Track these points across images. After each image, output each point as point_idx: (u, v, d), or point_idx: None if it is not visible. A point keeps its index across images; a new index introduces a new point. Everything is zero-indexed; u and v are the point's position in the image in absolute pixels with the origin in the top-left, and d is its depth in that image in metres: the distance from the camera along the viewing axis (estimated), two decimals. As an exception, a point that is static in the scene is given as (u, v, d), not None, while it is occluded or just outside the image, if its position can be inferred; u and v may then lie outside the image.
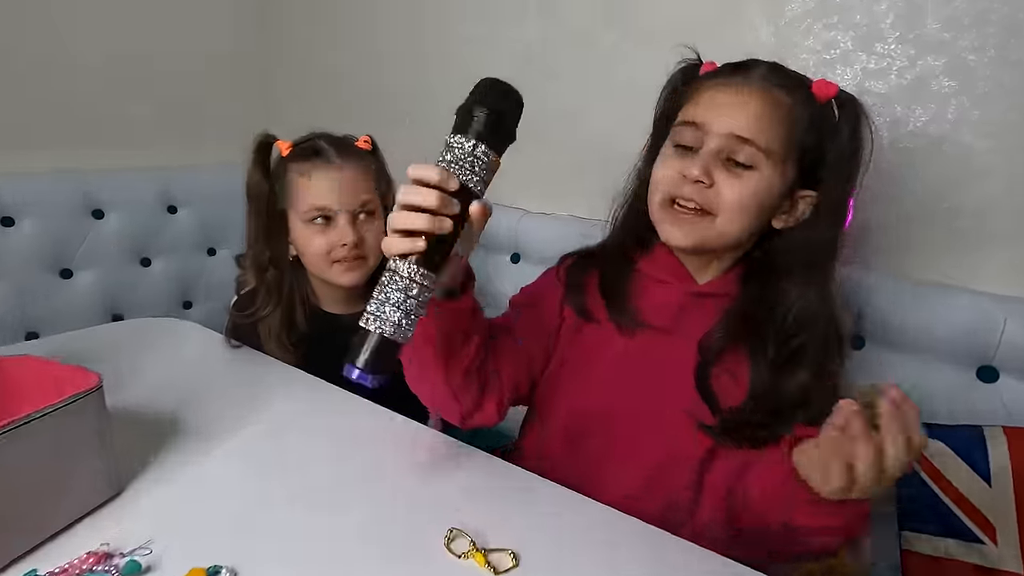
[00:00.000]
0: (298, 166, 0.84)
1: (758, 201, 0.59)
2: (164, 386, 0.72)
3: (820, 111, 0.60)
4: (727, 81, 0.61)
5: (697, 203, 0.60)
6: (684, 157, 0.61)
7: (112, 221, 1.36)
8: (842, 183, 0.61)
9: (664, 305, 0.65)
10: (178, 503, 0.52)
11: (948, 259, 0.84)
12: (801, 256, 0.61)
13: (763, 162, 0.58)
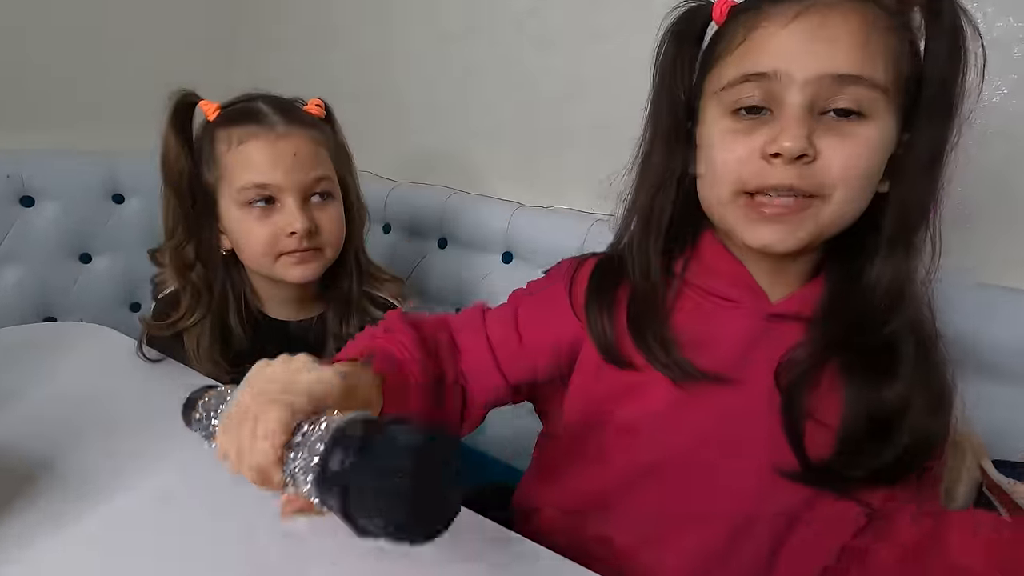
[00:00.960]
0: (234, 132, 0.67)
1: (879, 162, 0.43)
2: (48, 411, 0.55)
3: (909, 22, 0.43)
4: (793, 5, 0.42)
5: (799, 188, 0.42)
6: (756, 127, 0.43)
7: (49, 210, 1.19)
8: (943, 121, 0.44)
9: (727, 338, 0.48)
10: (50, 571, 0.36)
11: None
12: (893, 227, 0.45)
13: (878, 104, 0.41)
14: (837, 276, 0.48)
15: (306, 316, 0.75)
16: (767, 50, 0.43)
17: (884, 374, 0.44)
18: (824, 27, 0.41)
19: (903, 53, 0.42)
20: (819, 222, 0.43)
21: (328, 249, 0.70)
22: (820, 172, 0.42)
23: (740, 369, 0.47)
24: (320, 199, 0.69)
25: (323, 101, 0.74)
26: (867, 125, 0.42)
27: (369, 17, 1.24)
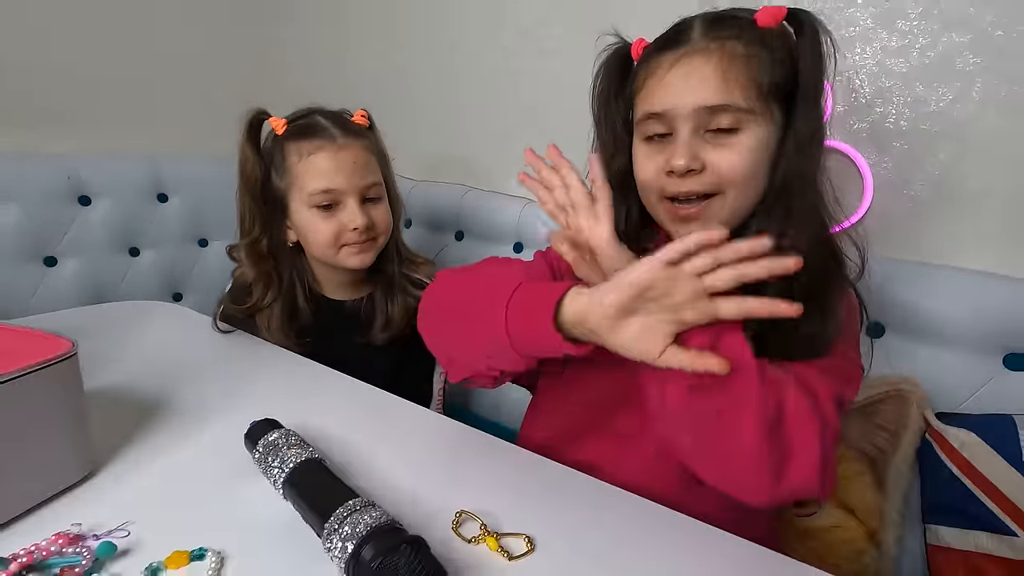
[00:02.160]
0: (299, 146, 0.77)
1: (760, 159, 0.54)
2: (149, 368, 0.67)
3: (775, 39, 0.54)
4: (671, 55, 0.54)
5: (697, 192, 0.54)
6: (661, 150, 0.55)
7: (102, 207, 1.31)
8: (811, 110, 0.54)
9: None
10: (159, 485, 0.48)
11: (972, 245, 0.81)
12: (773, 195, 0.55)
13: (748, 118, 0.53)
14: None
15: (357, 296, 0.86)
16: (658, 93, 0.55)
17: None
18: (693, 71, 0.53)
19: (768, 69, 0.52)
20: (722, 215, 0.55)
21: (380, 239, 0.81)
22: (711, 177, 0.53)
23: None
24: (373, 199, 0.80)
25: (367, 112, 0.85)
26: (741, 135, 0.53)
27: (385, 32, 1.35)
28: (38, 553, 0.38)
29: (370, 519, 0.38)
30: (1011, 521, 0.64)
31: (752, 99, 0.52)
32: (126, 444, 0.52)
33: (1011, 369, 0.74)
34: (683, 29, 0.55)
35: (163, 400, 0.61)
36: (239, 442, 0.51)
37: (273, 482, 0.46)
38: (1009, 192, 0.78)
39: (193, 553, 0.39)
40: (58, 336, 0.45)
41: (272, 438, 0.48)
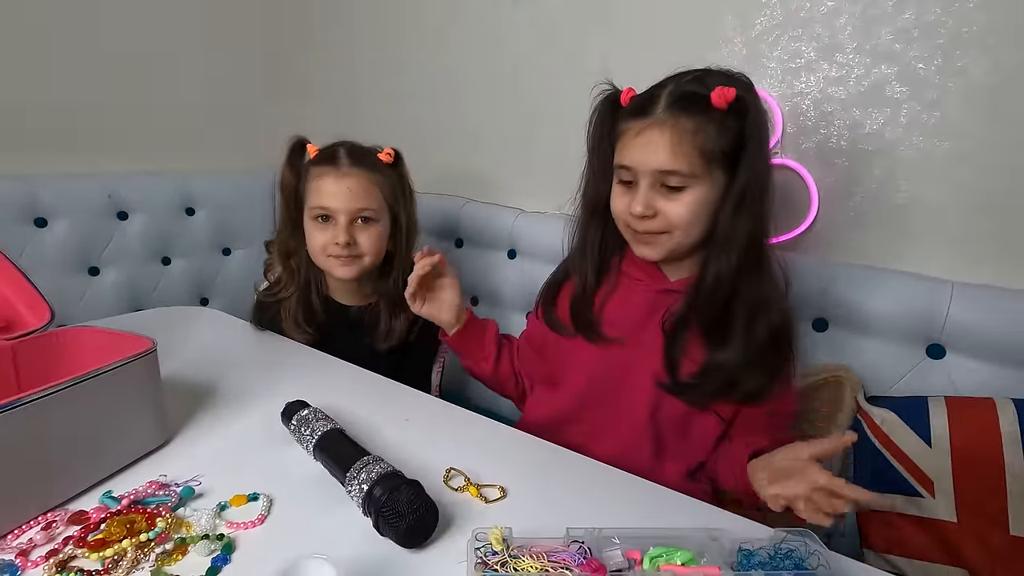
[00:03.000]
0: (316, 169, 0.91)
1: (701, 211, 0.67)
2: (197, 362, 0.81)
3: (725, 117, 0.65)
4: (638, 123, 0.67)
5: (650, 230, 0.69)
6: (628, 191, 0.70)
7: (138, 223, 1.45)
8: (756, 169, 0.66)
9: (634, 302, 0.75)
10: (218, 449, 0.62)
11: (901, 248, 0.92)
12: (717, 241, 0.68)
13: (692, 180, 0.66)
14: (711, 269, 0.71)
15: (363, 303, 0.99)
16: (627, 151, 0.69)
17: (720, 338, 0.69)
18: (651, 140, 0.66)
19: (715, 140, 0.65)
20: (669, 247, 0.70)
21: (366, 258, 0.93)
22: (662, 220, 0.68)
23: (640, 331, 0.73)
24: (363, 222, 0.92)
25: (394, 150, 0.97)
26: (687, 192, 0.67)
27: (388, 61, 1.48)
28: (138, 495, 0.51)
29: (380, 469, 0.51)
30: (919, 485, 0.76)
31: (696, 166, 0.65)
32: (190, 420, 0.66)
33: (932, 358, 0.86)
34: (651, 101, 0.68)
35: (213, 386, 0.74)
36: (277, 418, 0.64)
37: (305, 447, 0.59)
38: (932, 203, 0.89)
39: (249, 496, 0.53)
40: (140, 336, 0.58)
41: (303, 414, 0.61)
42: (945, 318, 0.83)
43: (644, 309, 0.75)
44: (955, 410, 0.77)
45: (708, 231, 0.69)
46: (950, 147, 0.87)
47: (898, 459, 0.78)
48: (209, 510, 0.50)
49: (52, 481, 0.49)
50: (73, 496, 0.51)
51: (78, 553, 0.44)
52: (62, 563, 0.43)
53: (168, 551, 0.45)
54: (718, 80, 0.66)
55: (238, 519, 0.50)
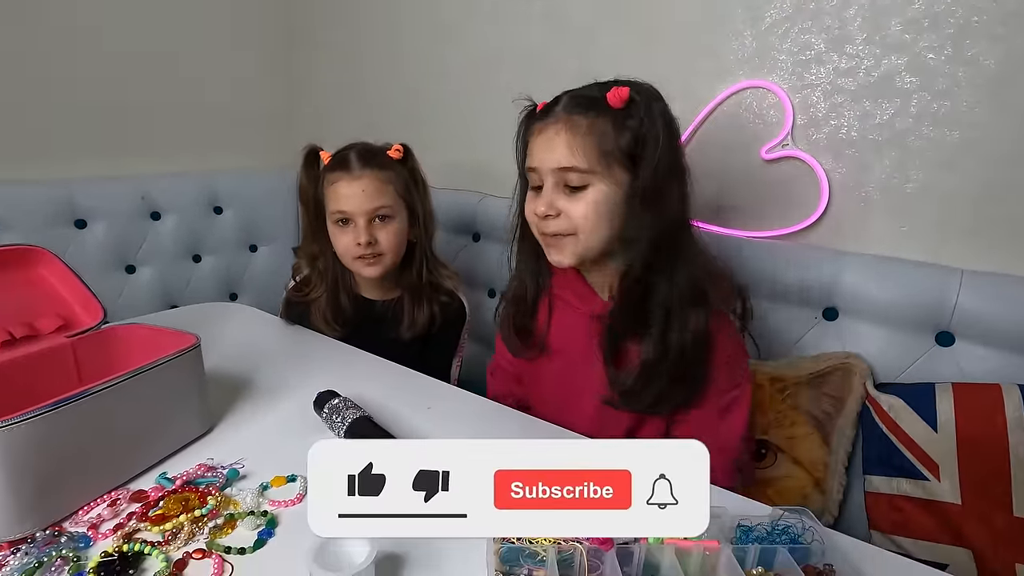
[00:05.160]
0: (330, 175, 0.95)
1: (603, 210, 0.67)
2: (234, 355, 0.87)
3: (621, 116, 0.66)
4: (541, 124, 0.69)
5: (557, 232, 0.69)
6: (536, 196, 0.70)
7: (169, 223, 1.52)
8: (657, 168, 0.65)
9: (572, 328, 0.77)
10: (258, 435, 0.67)
11: (911, 238, 0.94)
12: (643, 241, 0.67)
13: (591, 178, 0.66)
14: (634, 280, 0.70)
15: (388, 298, 1.04)
16: (533, 153, 0.70)
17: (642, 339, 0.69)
18: (549, 139, 0.67)
19: (612, 138, 0.65)
20: (577, 250, 0.69)
21: (387, 255, 0.96)
22: (566, 221, 0.68)
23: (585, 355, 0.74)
24: (380, 220, 0.95)
25: (403, 146, 1.00)
26: (588, 191, 0.67)
27: (407, 60, 1.52)
28: (189, 476, 0.57)
29: None
30: (924, 468, 0.78)
31: (594, 163, 0.65)
32: (231, 409, 0.72)
33: (941, 345, 0.87)
34: (556, 103, 0.69)
35: (249, 378, 0.80)
36: (310, 406, 0.69)
37: (337, 433, 0.64)
38: (942, 193, 0.90)
39: (288, 477, 0.58)
40: (185, 333, 0.64)
41: (334, 403, 0.66)
42: (954, 306, 0.85)
43: (583, 333, 0.75)
44: (961, 396, 0.79)
45: (616, 232, 0.69)
46: (960, 137, 0.88)
47: (904, 444, 0.80)
48: (253, 490, 0.55)
49: (114, 464, 0.55)
50: (133, 477, 0.57)
51: (141, 527, 0.50)
52: (128, 535, 0.49)
53: (219, 525, 0.50)
54: (618, 83, 0.67)
55: (279, 497, 0.55)
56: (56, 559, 0.45)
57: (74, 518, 0.51)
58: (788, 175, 1.03)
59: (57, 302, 0.67)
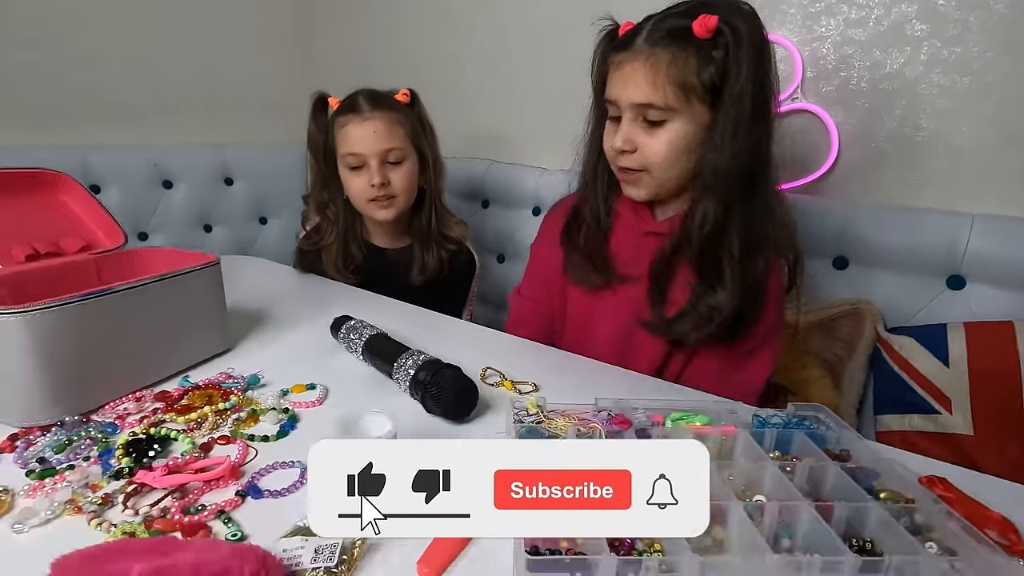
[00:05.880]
0: (340, 119, 0.96)
1: (679, 147, 0.66)
2: (250, 295, 0.88)
3: (707, 47, 0.62)
4: (621, 56, 0.66)
5: (631, 167, 0.69)
6: (614, 128, 0.69)
7: (181, 192, 1.54)
8: (741, 101, 0.62)
9: (623, 243, 0.76)
10: (276, 355, 0.68)
11: (923, 187, 0.94)
12: (703, 180, 0.66)
13: (670, 114, 0.64)
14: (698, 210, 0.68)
15: (399, 246, 1.05)
16: (612, 85, 0.68)
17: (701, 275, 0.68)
18: (629, 74, 0.65)
19: (695, 72, 0.62)
20: (650, 186, 0.70)
21: (400, 197, 0.97)
22: (641, 156, 0.67)
23: (635, 264, 0.74)
24: (392, 163, 0.96)
25: (410, 90, 1.02)
26: (666, 128, 0.65)
27: (413, 33, 1.53)
28: (213, 381, 0.58)
29: (423, 358, 0.56)
30: (936, 403, 0.78)
31: (673, 99, 0.64)
32: (249, 334, 0.73)
33: (952, 289, 0.88)
34: (635, 33, 0.67)
35: (266, 312, 0.81)
36: (326, 334, 0.70)
37: (355, 351, 0.65)
38: (954, 140, 0.91)
39: (308, 385, 0.59)
40: (205, 254, 0.65)
41: (351, 323, 0.67)
42: (965, 249, 0.85)
43: (632, 251, 0.75)
44: (973, 333, 0.79)
45: (692, 169, 0.67)
46: (971, 82, 0.88)
47: (916, 380, 0.80)
48: (274, 393, 0.56)
49: (139, 366, 0.56)
50: (156, 382, 0.58)
51: (166, 418, 0.50)
52: (154, 424, 0.49)
53: (242, 419, 0.51)
54: (707, 9, 0.63)
55: (300, 400, 0.56)
56: (85, 439, 0.46)
57: (101, 411, 0.52)
58: (798, 128, 1.03)
59: (79, 226, 0.68)
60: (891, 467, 0.42)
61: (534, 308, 0.86)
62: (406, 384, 0.55)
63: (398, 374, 0.56)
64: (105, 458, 0.44)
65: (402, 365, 0.56)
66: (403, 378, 0.56)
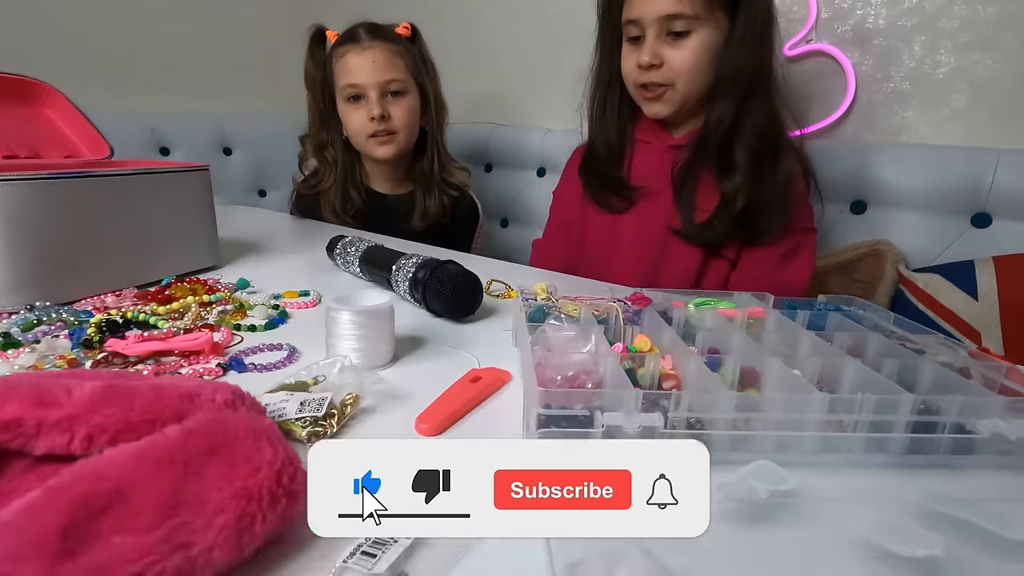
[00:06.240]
0: (339, 50, 0.92)
1: (705, 58, 0.68)
2: (246, 233, 0.84)
3: None
4: None
5: (658, 82, 0.70)
6: (636, 49, 0.71)
7: (178, 158, 1.51)
8: (756, 11, 0.67)
9: (646, 163, 0.76)
10: (268, 272, 0.65)
11: (944, 126, 0.90)
12: (722, 83, 0.69)
13: (696, 23, 0.67)
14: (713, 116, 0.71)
15: (400, 191, 1.01)
16: (633, 5, 0.70)
17: (725, 174, 0.69)
18: None
19: None
20: (675, 100, 0.71)
21: (400, 134, 0.93)
22: (667, 71, 0.69)
23: (655, 191, 0.75)
24: (392, 96, 0.92)
25: (410, 24, 0.98)
26: (691, 38, 0.68)
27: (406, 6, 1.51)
28: (197, 281, 0.54)
29: (422, 258, 0.53)
30: (965, 338, 0.74)
31: (699, 7, 0.66)
32: (241, 256, 0.70)
33: (977, 227, 0.84)
34: None
35: (263, 241, 0.78)
36: (321, 257, 0.67)
37: (351, 264, 0.61)
38: (975, 74, 0.87)
39: (301, 292, 0.55)
40: (198, 164, 0.61)
41: (346, 239, 0.63)
42: (991, 186, 0.81)
43: (655, 169, 0.76)
44: (1003, 266, 0.75)
45: (712, 81, 0.70)
46: (995, 12, 0.85)
47: (943, 316, 0.76)
48: (265, 296, 0.52)
49: (119, 264, 0.52)
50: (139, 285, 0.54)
51: (147, 309, 0.47)
52: (133, 309, 0.46)
53: (228, 311, 0.48)
54: None
55: (292, 303, 0.52)
56: (56, 321, 0.43)
57: (77, 305, 0.48)
58: (813, 72, 1.00)
59: (62, 140, 0.65)
60: (937, 341, 0.38)
61: (552, 253, 0.87)
62: (406, 287, 0.52)
63: (397, 277, 0.53)
64: (77, 336, 0.40)
65: (401, 267, 0.53)
66: (402, 280, 0.52)
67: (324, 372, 0.34)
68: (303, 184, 1.00)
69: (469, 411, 0.33)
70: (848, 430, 0.28)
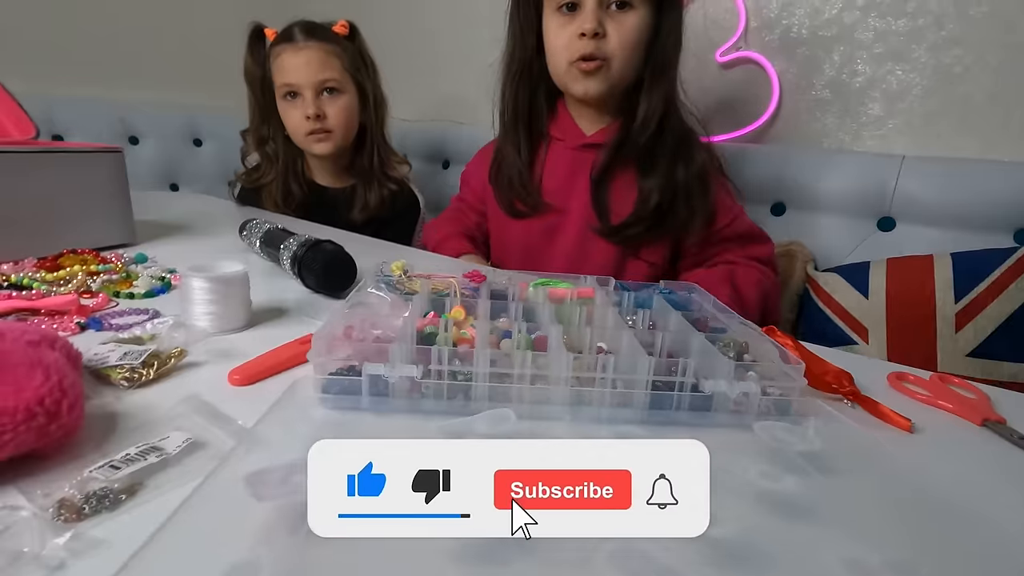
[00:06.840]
0: (275, 48, 0.96)
1: (639, 38, 0.69)
2: (186, 216, 0.88)
3: None
4: None
5: (596, 56, 0.68)
6: (571, 21, 0.69)
7: (147, 148, 1.55)
8: (677, 7, 0.70)
9: (564, 161, 0.77)
10: (177, 251, 0.68)
11: (861, 132, 0.94)
12: (649, 76, 0.71)
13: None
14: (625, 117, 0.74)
15: (341, 185, 1.04)
16: None
17: (647, 172, 0.71)
18: None
19: None
20: (609, 79, 0.70)
21: (337, 132, 0.96)
22: (606, 44, 0.68)
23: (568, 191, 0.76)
24: (328, 94, 0.95)
25: (348, 22, 1.01)
26: (631, 14, 0.68)
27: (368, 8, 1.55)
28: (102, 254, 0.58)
29: (308, 238, 0.56)
30: (854, 334, 0.77)
31: None
32: (161, 236, 0.73)
33: (883, 230, 0.87)
34: None
35: (192, 224, 0.82)
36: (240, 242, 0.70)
37: (253, 245, 0.65)
38: (888, 84, 0.91)
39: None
40: (112, 146, 0.65)
41: (254, 221, 0.67)
42: (894, 191, 0.85)
43: (567, 169, 0.77)
44: (894, 267, 0.78)
45: (637, 70, 0.71)
46: (906, 24, 0.88)
47: (837, 314, 0.79)
48: (160, 271, 0.56)
49: (30, 236, 0.56)
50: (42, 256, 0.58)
51: (37, 276, 0.50)
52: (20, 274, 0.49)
53: (114, 281, 0.51)
54: None
55: (182, 278, 0.56)
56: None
57: (-27, 272, 0.52)
58: (742, 78, 1.04)
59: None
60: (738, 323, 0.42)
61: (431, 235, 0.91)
62: (287, 263, 0.55)
63: (283, 255, 0.56)
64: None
65: (287, 247, 0.56)
66: (287, 258, 0.56)
67: (160, 330, 0.38)
68: (245, 178, 1.03)
69: (286, 369, 0.37)
70: (597, 387, 0.32)
